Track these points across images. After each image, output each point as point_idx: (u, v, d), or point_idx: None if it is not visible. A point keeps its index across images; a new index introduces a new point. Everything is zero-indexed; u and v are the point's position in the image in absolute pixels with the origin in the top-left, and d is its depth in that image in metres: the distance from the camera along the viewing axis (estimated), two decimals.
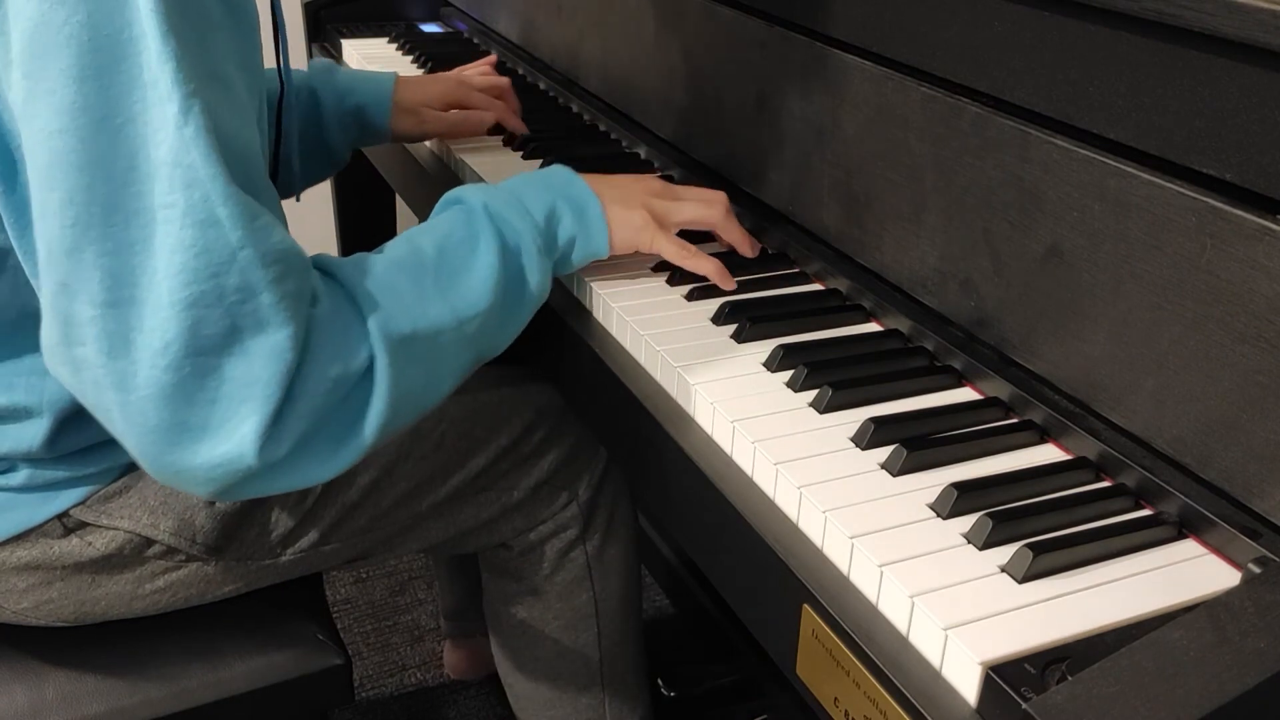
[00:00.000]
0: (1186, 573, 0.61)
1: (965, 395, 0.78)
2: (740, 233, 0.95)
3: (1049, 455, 0.72)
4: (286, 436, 0.66)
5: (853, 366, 0.79)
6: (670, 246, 0.89)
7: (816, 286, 0.93)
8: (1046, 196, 0.72)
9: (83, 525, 0.85)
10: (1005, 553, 0.61)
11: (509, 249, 0.79)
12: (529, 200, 0.83)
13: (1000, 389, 0.76)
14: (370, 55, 1.57)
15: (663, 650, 1.43)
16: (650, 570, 1.64)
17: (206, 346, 0.63)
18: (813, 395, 0.76)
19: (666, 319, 0.86)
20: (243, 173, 0.66)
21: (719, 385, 0.77)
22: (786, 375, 0.79)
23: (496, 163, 1.17)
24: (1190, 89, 0.64)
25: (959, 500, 0.64)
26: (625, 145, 1.22)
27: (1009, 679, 0.53)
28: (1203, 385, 0.64)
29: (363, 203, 1.84)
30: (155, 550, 0.87)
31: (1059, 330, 0.72)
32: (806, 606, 0.62)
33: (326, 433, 0.69)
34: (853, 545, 0.62)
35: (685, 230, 0.93)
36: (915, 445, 0.69)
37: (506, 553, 1.07)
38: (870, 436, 0.71)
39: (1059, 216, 0.71)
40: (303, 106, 1.12)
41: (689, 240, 0.91)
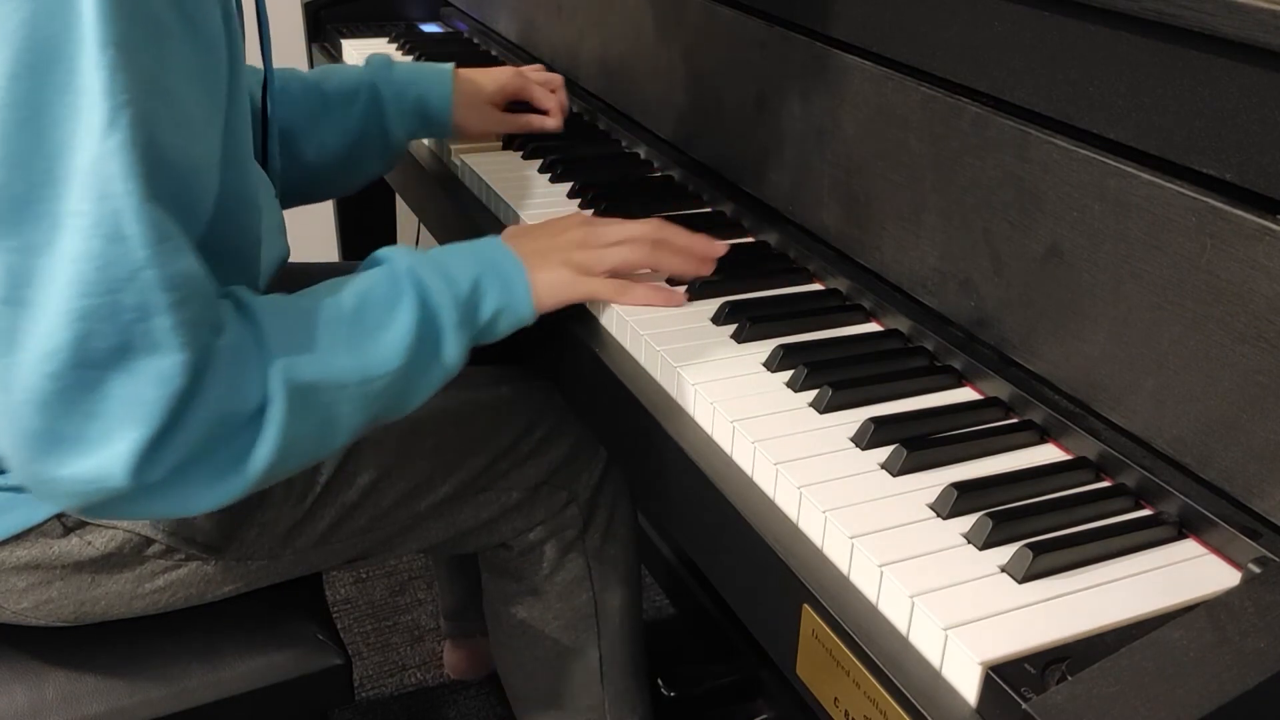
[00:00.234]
0: (1186, 573, 0.61)
1: (965, 395, 0.78)
2: (680, 260, 0.90)
3: (1049, 455, 0.72)
4: (162, 462, 0.64)
5: (853, 366, 0.79)
6: (603, 289, 0.87)
7: (816, 286, 0.93)
8: (1046, 196, 0.72)
9: (82, 525, 0.84)
10: (1005, 553, 0.61)
11: (428, 316, 0.78)
12: (455, 271, 0.81)
13: (1000, 389, 0.76)
14: (371, 54, 1.57)
15: (663, 650, 1.43)
16: (650, 570, 1.64)
17: (94, 360, 0.62)
18: (813, 395, 0.76)
19: (666, 318, 0.86)
20: (178, 189, 0.65)
21: (719, 385, 0.77)
22: (786, 375, 0.79)
23: (496, 162, 1.17)
24: (1190, 89, 0.64)
25: (959, 500, 0.64)
26: (625, 145, 1.22)
27: (1009, 679, 0.53)
28: (1203, 385, 0.64)
29: (362, 203, 1.83)
30: (154, 550, 0.87)
31: (1059, 330, 0.72)
32: (806, 606, 0.62)
33: (208, 465, 0.67)
34: (853, 545, 0.62)
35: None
36: (915, 445, 0.69)
37: (506, 553, 1.07)
38: (870, 436, 0.71)
39: (1059, 216, 0.71)
40: (364, 102, 1.12)
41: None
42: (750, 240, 1.01)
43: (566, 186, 1.11)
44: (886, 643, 0.58)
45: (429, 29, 1.73)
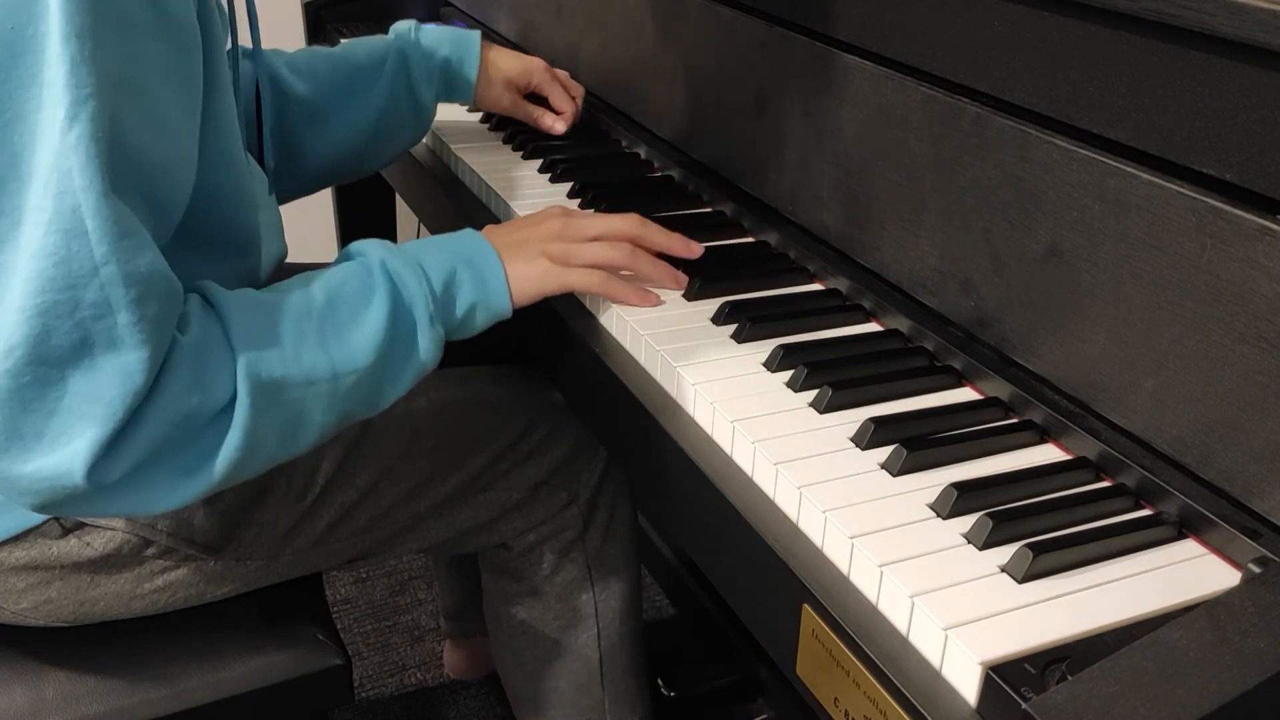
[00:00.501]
0: (1186, 573, 0.61)
1: (965, 395, 0.78)
2: (656, 270, 0.89)
3: (1049, 455, 0.72)
4: (121, 461, 0.64)
5: (853, 366, 0.79)
6: (583, 279, 0.86)
7: (816, 286, 0.93)
8: (1046, 196, 0.72)
9: (81, 525, 0.84)
10: (1005, 553, 0.61)
11: (401, 311, 0.77)
12: (429, 265, 0.79)
13: (1000, 389, 0.76)
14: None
15: (663, 650, 1.43)
16: (650, 570, 1.64)
17: (52, 357, 0.61)
18: (813, 395, 0.76)
19: (666, 318, 0.86)
20: (146, 185, 0.64)
21: (719, 385, 0.77)
22: (786, 375, 0.79)
23: (496, 162, 1.17)
24: (1190, 89, 0.64)
25: (959, 500, 0.64)
26: (625, 145, 1.22)
27: (1009, 679, 0.53)
28: (1203, 385, 0.64)
29: (362, 202, 1.84)
30: (154, 550, 0.87)
31: (1059, 330, 0.72)
32: (806, 606, 0.62)
33: (171, 463, 0.67)
34: (853, 545, 0.62)
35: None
36: (915, 445, 0.69)
37: (506, 553, 1.06)
38: (870, 436, 0.71)
39: (1059, 216, 0.71)
40: (392, 66, 1.12)
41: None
42: (750, 240, 1.01)
43: (566, 186, 1.11)
44: (886, 643, 0.58)
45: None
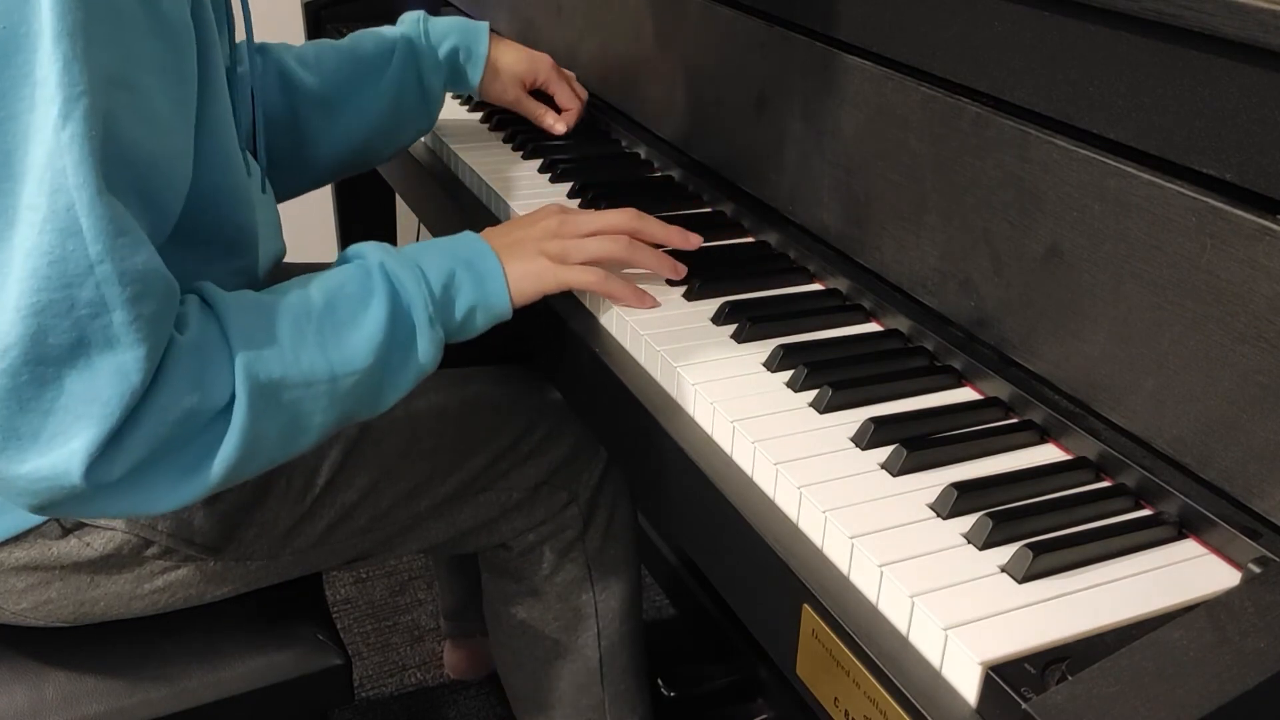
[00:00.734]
0: (1186, 573, 0.61)
1: (965, 395, 0.78)
2: (655, 260, 0.89)
3: (1049, 455, 0.72)
4: (120, 461, 0.64)
5: (853, 366, 0.79)
6: (582, 277, 0.86)
7: (816, 286, 0.93)
8: (1046, 196, 0.72)
9: (81, 525, 0.84)
10: (1005, 553, 0.61)
11: (400, 313, 0.77)
12: (428, 267, 0.79)
13: (1000, 389, 0.76)
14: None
15: (663, 650, 1.43)
16: (650, 570, 1.63)
17: (49, 356, 0.61)
18: (813, 395, 0.76)
19: (666, 318, 0.86)
20: (140, 183, 0.64)
21: (719, 385, 0.77)
22: (786, 375, 0.79)
23: (496, 161, 1.17)
24: (1190, 89, 0.64)
25: (959, 500, 0.64)
26: (625, 145, 1.22)
27: (1009, 679, 0.53)
28: (1203, 385, 0.64)
29: (362, 202, 1.84)
30: (154, 550, 0.87)
31: (1059, 330, 0.72)
32: (806, 606, 0.62)
33: (169, 464, 0.66)
34: (853, 545, 0.62)
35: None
36: (915, 445, 0.69)
37: (506, 553, 1.06)
38: (870, 436, 0.71)
39: (1059, 216, 0.71)
40: (401, 55, 1.12)
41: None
42: (750, 240, 1.01)
43: (566, 186, 1.11)
44: (886, 643, 0.58)
45: None
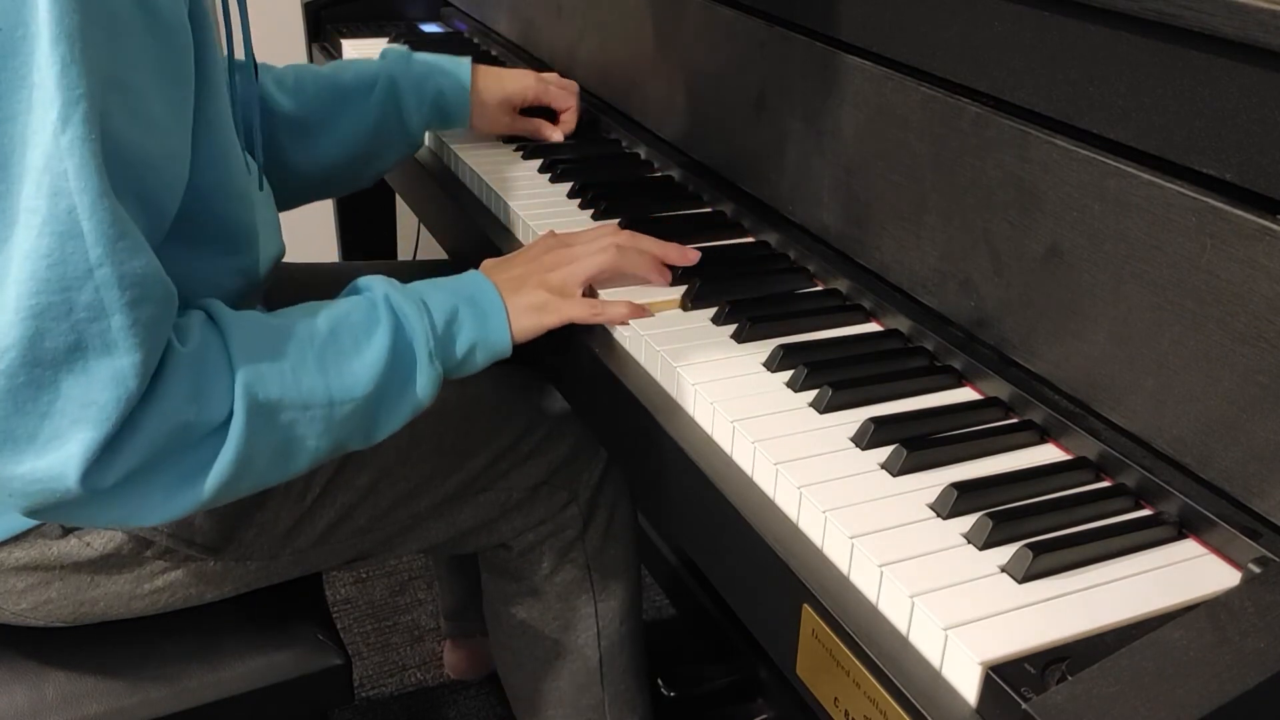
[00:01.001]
0: (1186, 573, 0.61)
1: (965, 395, 0.78)
2: (649, 261, 0.90)
3: (1049, 455, 0.72)
4: (115, 467, 0.64)
5: (853, 366, 0.79)
6: (577, 310, 0.86)
7: (816, 286, 0.93)
8: (1046, 196, 0.72)
9: (80, 526, 0.84)
10: (1005, 553, 0.61)
11: (402, 345, 0.77)
12: (432, 303, 0.80)
13: (1000, 389, 0.76)
14: (370, 55, 1.57)
15: (663, 650, 1.43)
16: (650, 570, 1.63)
17: (46, 359, 0.61)
18: (813, 395, 0.76)
19: (666, 318, 0.86)
20: (138, 185, 0.64)
21: (719, 385, 0.77)
22: (786, 375, 0.79)
23: (496, 162, 1.17)
24: (1190, 89, 0.64)
25: (959, 500, 0.64)
26: (625, 145, 1.22)
27: (1009, 679, 0.53)
28: (1203, 385, 0.64)
29: (362, 203, 1.83)
30: (153, 550, 0.87)
31: (1059, 330, 0.72)
32: (806, 606, 0.62)
33: (163, 476, 0.67)
34: (853, 545, 0.62)
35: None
36: (915, 445, 0.69)
37: (506, 553, 1.06)
38: (870, 436, 0.71)
39: (1059, 216, 0.71)
40: (381, 92, 1.11)
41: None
42: (750, 240, 1.01)
43: (566, 186, 1.11)
44: (886, 643, 0.58)
45: (429, 29, 1.73)
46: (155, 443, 0.65)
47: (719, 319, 0.86)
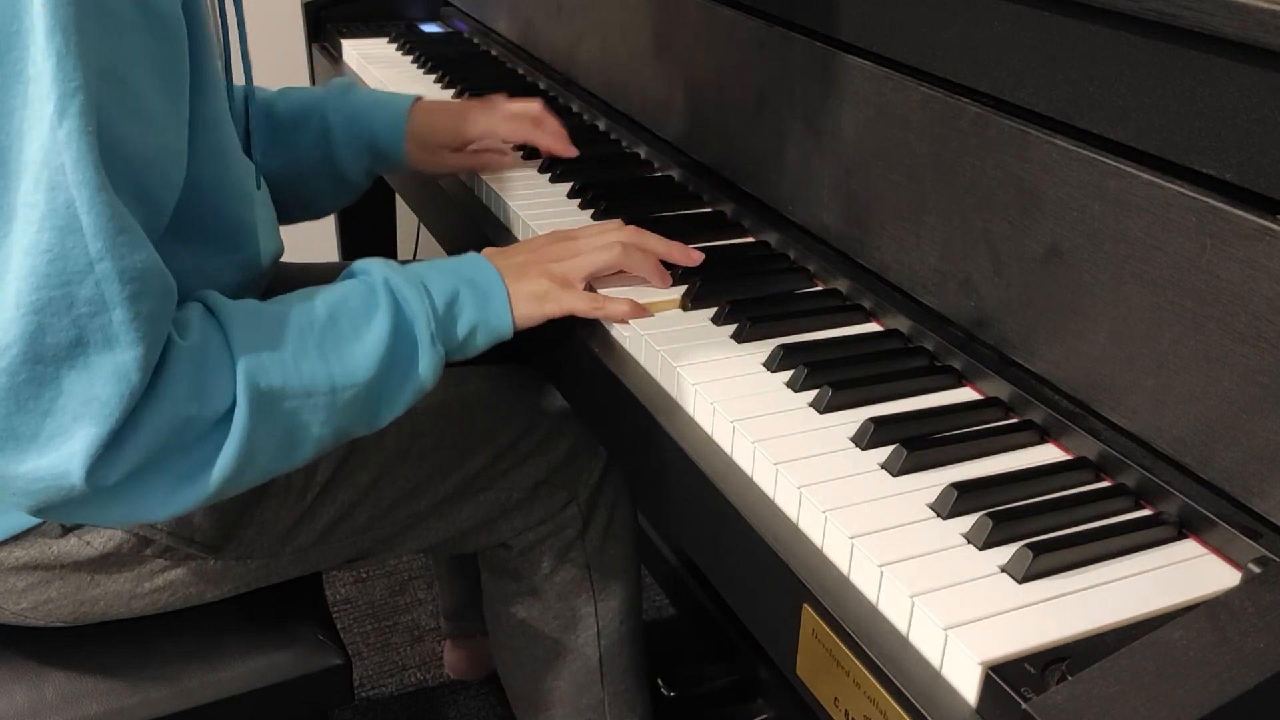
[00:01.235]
0: (1186, 573, 0.61)
1: (965, 395, 0.78)
2: (652, 264, 0.90)
3: (1049, 455, 0.72)
4: (119, 463, 0.63)
5: (853, 366, 0.79)
6: (579, 303, 0.85)
7: (816, 286, 0.93)
8: (1046, 196, 0.72)
9: (80, 525, 0.84)
10: (1005, 553, 0.61)
11: (403, 328, 0.77)
12: (432, 285, 0.80)
13: (1000, 389, 0.76)
14: (370, 55, 1.57)
15: (663, 650, 1.43)
16: (650, 570, 1.64)
17: (47, 355, 0.61)
18: (813, 395, 0.76)
19: (666, 318, 0.86)
20: (136, 180, 0.64)
21: (719, 385, 0.77)
22: (786, 375, 0.79)
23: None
24: (1190, 89, 0.64)
25: (959, 500, 0.64)
26: (625, 145, 1.22)
27: (1009, 679, 0.53)
28: (1203, 385, 0.64)
29: (362, 202, 1.83)
30: (153, 549, 0.87)
31: (1059, 330, 0.72)
32: (806, 606, 0.62)
33: (168, 470, 0.66)
34: (853, 545, 0.62)
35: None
36: (915, 445, 0.69)
37: (506, 552, 1.07)
38: (870, 436, 0.71)
39: (1059, 216, 0.71)
40: (312, 130, 1.08)
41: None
42: (750, 240, 1.01)
43: (566, 186, 1.11)
44: (886, 643, 0.58)
45: (429, 29, 1.73)
46: (159, 437, 0.65)
47: (719, 319, 0.86)
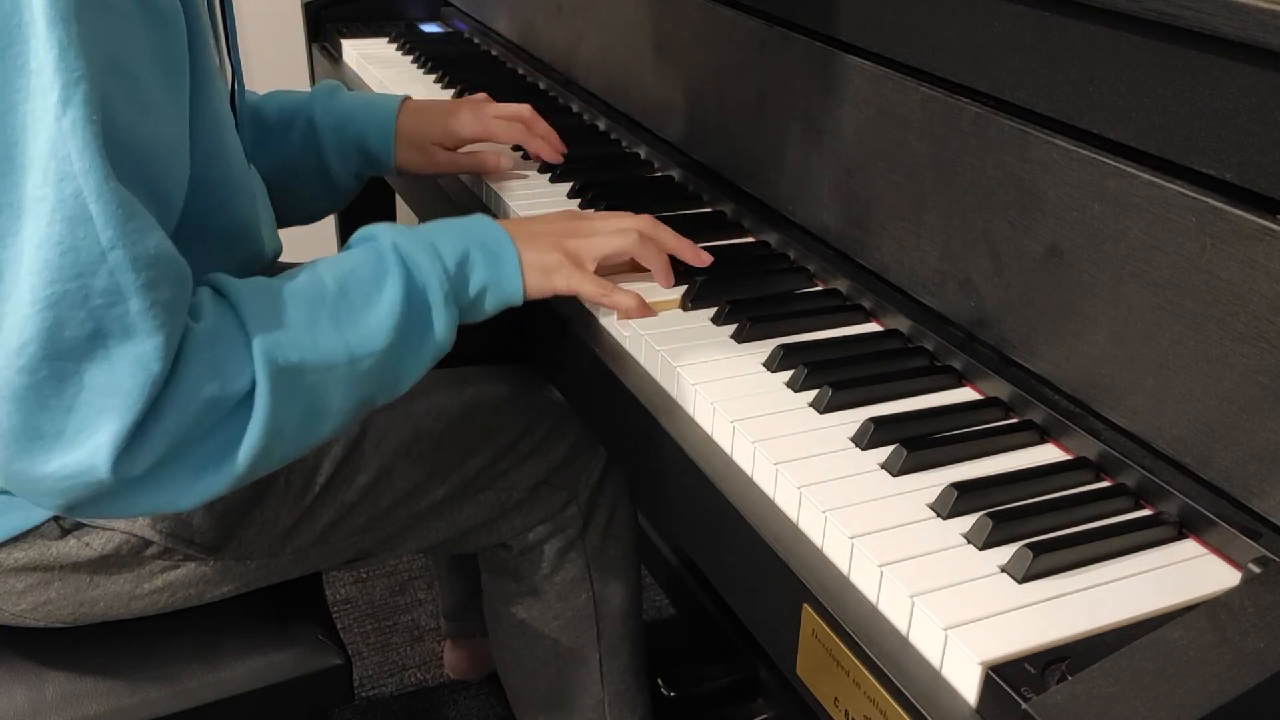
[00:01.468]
0: (1186, 573, 0.61)
1: (965, 395, 0.78)
2: (663, 261, 0.90)
3: (1049, 455, 0.72)
4: (145, 453, 0.63)
5: (853, 366, 0.79)
6: (587, 286, 0.85)
7: (816, 286, 0.93)
8: (1046, 196, 0.72)
9: (79, 526, 0.84)
10: (1005, 553, 0.61)
11: (415, 292, 0.76)
12: (442, 246, 0.79)
13: (1000, 389, 0.76)
14: (370, 55, 1.57)
15: (663, 650, 1.43)
16: (650, 570, 1.64)
17: (67, 350, 0.60)
18: (813, 395, 0.76)
19: (666, 318, 0.86)
20: (143, 172, 0.64)
21: (719, 385, 0.77)
22: (786, 375, 0.79)
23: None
24: (1190, 89, 0.64)
25: (959, 500, 0.64)
26: (625, 145, 1.22)
27: (1009, 679, 0.53)
28: (1203, 385, 0.64)
29: (362, 201, 1.83)
30: (153, 550, 0.87)
31: (1059, 330, 0.72)
32: (806, 606, 0.62)
33: (194, 456, 0.66)
34: (853, 545, 0.62)
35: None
36: (915, 445, 0.69)
37: (506, 552, 1.06)
38: (870, 436, 0.71)
39: (1059, 216, 0.71)
40: (300, 133, 1.08)
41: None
42: (750, 240, 1.01)
43: (566, 186, 1.11)
44: (886, 643, 0.58)
45: (429, 29, 1.73)
46: (183, 424, 0.64)
47: (719, 319, 0.86)
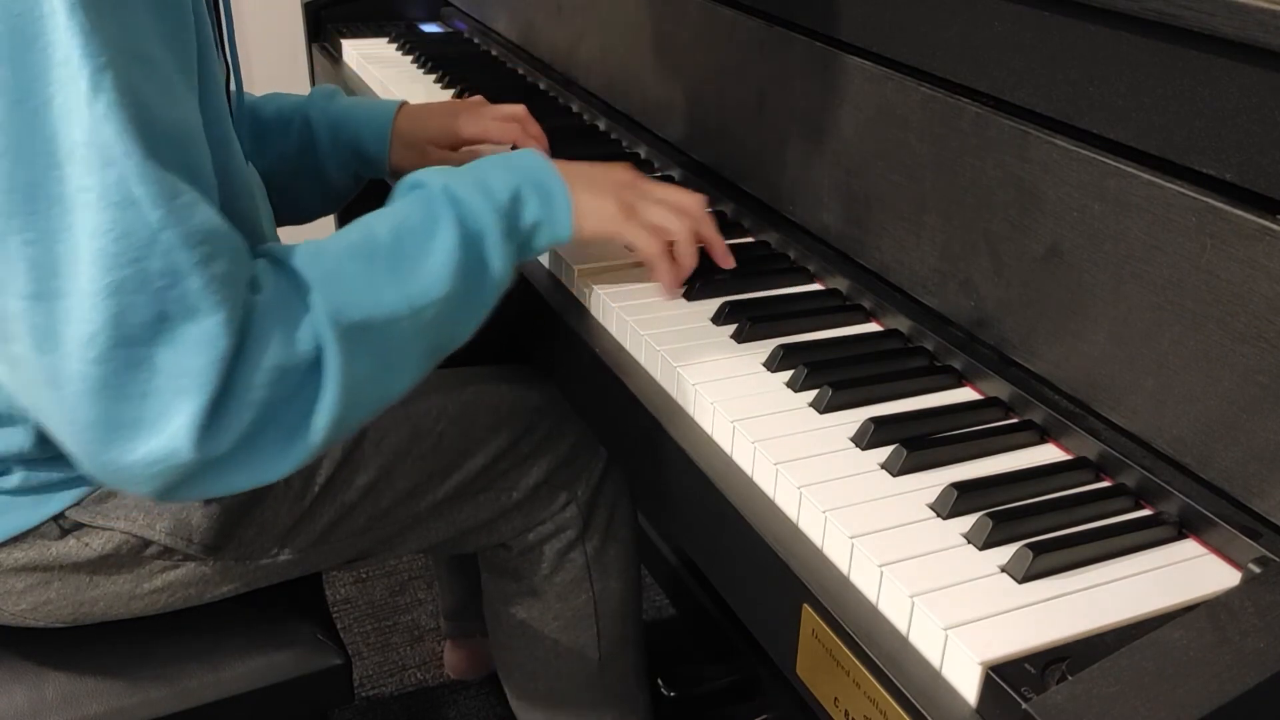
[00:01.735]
0: (1186, 573, 0.61)
1: (965, 395, 0.78)
2: (693, 258, 0.89)
3: (1049, 455, 0.72)
4: (227, 430, 0.63)
5: (853, 366, 0.79)
6: (643, 237, 0.85)
7: (816, 286, 0.93)
8: (1046, 196, 0.72)
9: (79, 526, 0.84)
10: (1005, 553, 0.61)
11: (470, 234, 0.76)
12: (493, 183, 0.79)
13: (1000, 389, 0.76)
14: (370, 55, 1.57)
15: (663, 650, 1.43)
16: (650, 570, 1.64)
17: (134, 336, 0.60)
18: (813, 395, 0.76)
19: (666, 318, 0.86)
20: (174, 153, 0.64)
21: (719, 385, 0.77)
22: (786, 375, 0.79)
23: None
24: (1190, 89, 0.64)
25: (959, 500, 0.64)
26: (625, 145, 1.22)
27: (1009, 679, 0.53)
28: (1203, 385, 0.64)
29: (362, 200, 1.83)
30: (152, 550, 0.87)
31: (1059, 330, 0.72)
32: (806, 606, 0.62)
33: (276, 426, 0.66)
34: (853, 545, 0.62)
35: None
36: (915, 445, 0.69)
37: (506, 553, 1.06)
38: (870, 436, 0.71)
39: (1059, 216, 0.71)
40: (296, 136, 1.08)
41: None
42: (750, 240, 1.01)
43: None
44: (886, 643, 0.58)
45: (429, 29, 1.73)
46: (259, 397, 0.64)
47: (719, 319, 0.86)
